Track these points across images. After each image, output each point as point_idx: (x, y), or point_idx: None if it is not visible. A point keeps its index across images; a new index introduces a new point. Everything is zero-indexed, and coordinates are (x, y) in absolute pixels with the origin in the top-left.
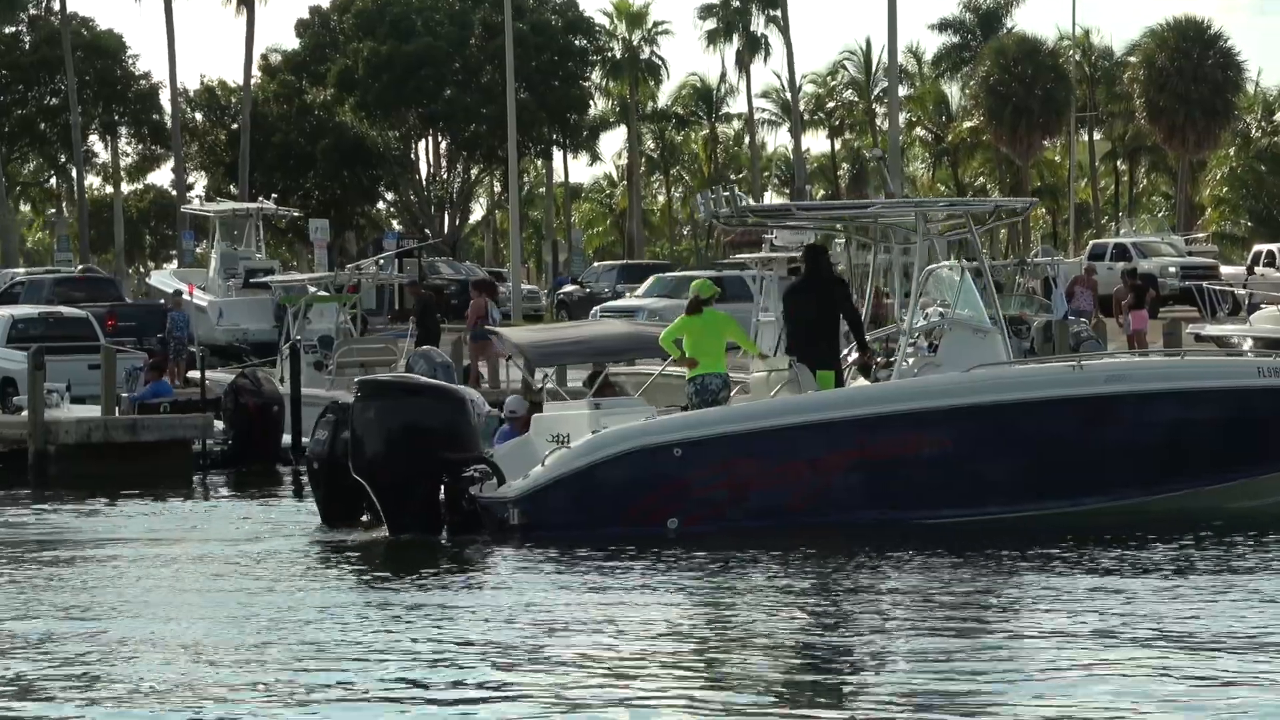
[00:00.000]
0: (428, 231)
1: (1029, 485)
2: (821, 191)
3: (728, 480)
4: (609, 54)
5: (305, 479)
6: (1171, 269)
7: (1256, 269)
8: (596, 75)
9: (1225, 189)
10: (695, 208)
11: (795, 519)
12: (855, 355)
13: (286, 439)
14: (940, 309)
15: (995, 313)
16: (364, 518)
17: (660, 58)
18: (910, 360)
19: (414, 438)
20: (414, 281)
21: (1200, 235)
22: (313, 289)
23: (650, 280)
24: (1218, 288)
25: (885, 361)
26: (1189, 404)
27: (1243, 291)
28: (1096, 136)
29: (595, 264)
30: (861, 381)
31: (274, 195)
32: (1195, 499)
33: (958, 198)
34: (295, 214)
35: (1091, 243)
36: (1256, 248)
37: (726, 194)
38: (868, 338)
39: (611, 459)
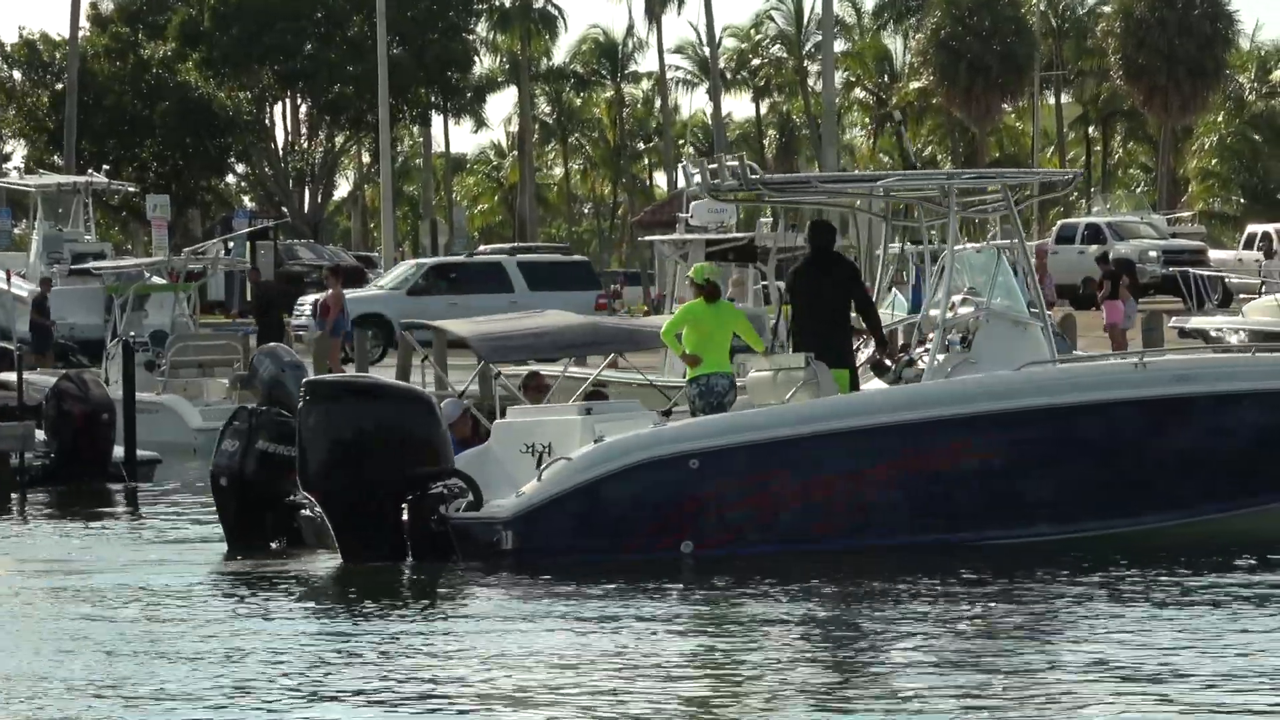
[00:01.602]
0: (285, 209)
1: (1088, 500)
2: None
3: (752, 498)
4: (496, 2)
5: (212, 496)
6: (1152, 253)
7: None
8: (482, 27)
9: (1214, 161)
10: (686, 178)
11: (827, 543)
12: (871, 351)
13: (118, 451)
14: (970, 297)
15: (1038, 302)
16: (274, 543)
17: (557, 7)
18: (941, 357)
19: (373, 448)
20: (254, 268)
21: (1185, 214)
22: (151, 276)
23: None
24: (1206, 274)
25: (906, 359)
26: (1272, 407)
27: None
28: (1065, 99)
29: (481, 247)
30: (876, 382)
31: (105, 167)
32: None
33: (992, 169)
34: (130, 188)
35: (1060, 223)
36: (1250, 228)
37: (733, 163)
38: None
39: (619, 473)
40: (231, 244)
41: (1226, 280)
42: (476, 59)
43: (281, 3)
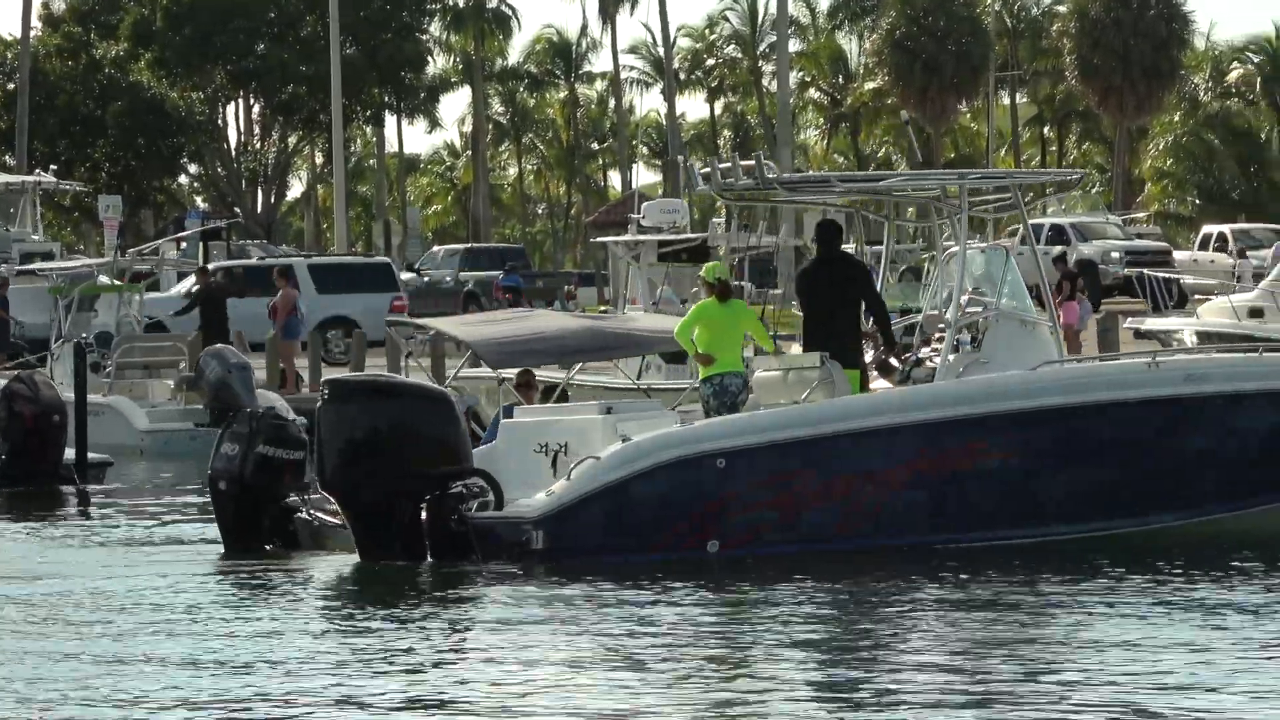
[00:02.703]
0: (238, 210)
1: (1104, 499)
2: (699, 163)
3: (777, 497)
4: (450, 2)
5: (210, 499)
6: (1115, 254)
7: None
8: (435, 27)
9: (1169, 161)
10: (695, 179)
11: (847, 543)
12: (882, 350)
13: (69, 453)
14: (976, 298)
15: (1047, 302)
16: (268, 546)
17: (510, 7)
18: (952, 356)
19: (392, 447)
20: (202, 268)
21: (1140, 215)
22: (99, 276)
23: None
24: (1161, 275)
25: (914, 360)
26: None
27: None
28: (1020, 99)
29: (435, 248)
30: (883, 383)
31: (53, 167)
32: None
33: (1002, 169)
34: (78, 188)
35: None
36: (1205, 229)
37: (750, 161)
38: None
39: (647, 471)
40: (184, 244)
41: (1182, 281)
42: (430, 59)
43: (234, 3)
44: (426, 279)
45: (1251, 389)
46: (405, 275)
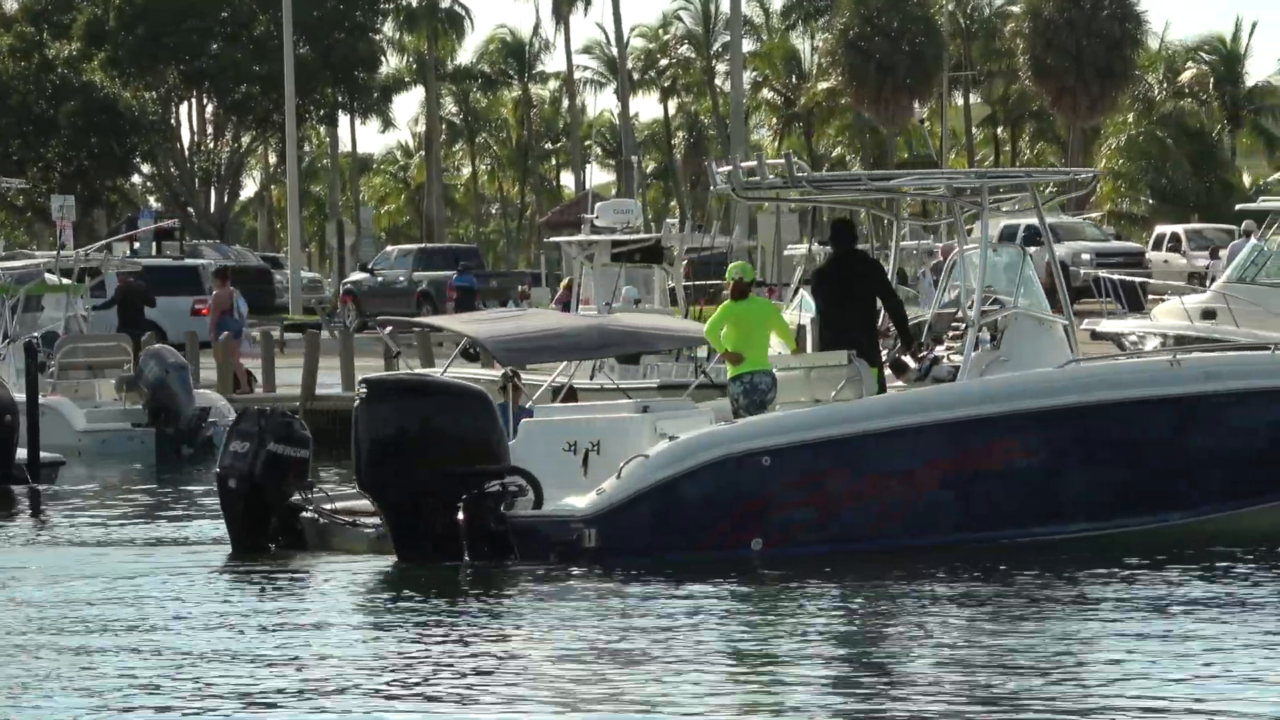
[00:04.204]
0: (190, 210)
1: (1119, 498)
2: (653, 163)
3: (816, 495)
4: (403, 2)
5: (219, 500)
6: (1085, 255)
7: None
8: (389, 27)
9: (1122, 161)
10: (713, 178)
11: (882, 543)
12: (898, 348)
13: (21, 453)
14: (994, 295)
15: (1064, 301)
16: (272, 545)
17: (463, 6)
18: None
19: (430, 445)
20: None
21: (1094, 215)
22: (49, 276)
23: None
24: (1115, 277)
25: (931, 358)
26: None
27: None
28: (973, 100)
29: (388, 248)
30: (897, 381)
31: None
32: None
33: (1023, 168)
34: (22, 185)
35: (1002, 224)
36: (1159, 229)
37: (779, 160)
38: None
39: (695, 470)
40: (138, 244)
41: (1137, 283)
42: (383, 59)
43: (187, 2)
44: (380, 279)
45: (1269, 386)
46: (358, 275)
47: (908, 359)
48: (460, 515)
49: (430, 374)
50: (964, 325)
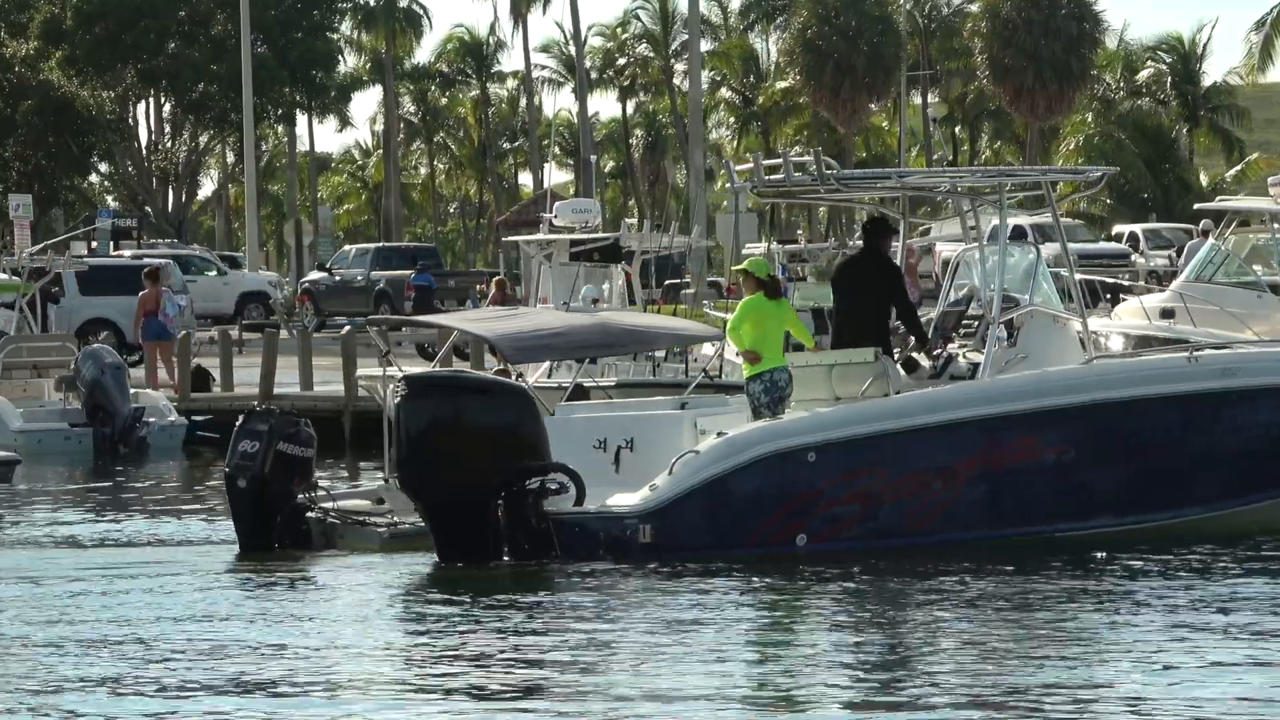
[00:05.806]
0: (148, 209)
1: (1140, 493)
2: (611, 162)
3: (859, 491)
4: (361, 1)
5: (227, 499)
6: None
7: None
8: (346, 26)
9: (1080, 160)
10: (731, 176)
11: (919, 539)
12: (913, 347)
13: None
14: (1008, 293)
15: (1077, 299)
16: (276, 545)
17: (421, 6)
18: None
19: (469, 442)
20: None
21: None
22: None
23: None
24: (1081, 278)
25: (946, 356)
26: None
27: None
28: (931, 99)
29: (346, 247)
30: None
31: None
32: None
33: (1037, 167)
34: None
35: (992, 224)
36: (1117, 228)
37: (806, 158)
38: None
39: (745, 466)
40: (96, 243)
41: (1097, 283)
42: (341, 58)
43: (144, 2)
44: (338, 278)
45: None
46: (316, 274)
47: (921, 357)
48: (500, 512)
49: (464, 371)
50: (975, 323)
